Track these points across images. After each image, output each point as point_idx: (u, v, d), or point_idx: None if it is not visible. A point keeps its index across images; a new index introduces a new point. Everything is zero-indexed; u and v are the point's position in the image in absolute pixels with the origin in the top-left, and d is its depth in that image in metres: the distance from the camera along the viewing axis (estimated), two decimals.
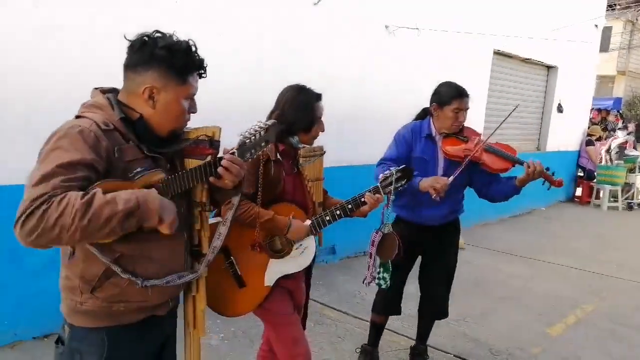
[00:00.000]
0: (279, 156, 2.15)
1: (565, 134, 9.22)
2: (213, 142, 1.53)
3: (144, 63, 1.37)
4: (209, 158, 1.50)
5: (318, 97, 2.19)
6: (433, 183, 2.57)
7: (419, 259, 3.04)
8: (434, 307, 3.04)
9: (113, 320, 1.40)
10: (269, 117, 2.18)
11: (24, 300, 3.02)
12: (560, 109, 8.90)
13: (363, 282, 2.51)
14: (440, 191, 2.55)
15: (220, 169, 1.45)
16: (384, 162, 2.73)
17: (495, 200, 2.83)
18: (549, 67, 8.63)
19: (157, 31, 1.41)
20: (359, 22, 4.93)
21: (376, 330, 3.14)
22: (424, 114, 2.88)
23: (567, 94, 8.93)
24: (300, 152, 2.18)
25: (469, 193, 2.92)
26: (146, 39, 1.39)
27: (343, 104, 4.88)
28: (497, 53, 7.13)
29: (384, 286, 2.47)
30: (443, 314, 3.05)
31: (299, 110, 2.14)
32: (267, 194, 2.12)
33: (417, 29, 5.33)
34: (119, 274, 1.36)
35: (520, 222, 7.90)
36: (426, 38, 5.55)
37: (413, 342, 3.28)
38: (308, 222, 2.15)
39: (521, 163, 2.61)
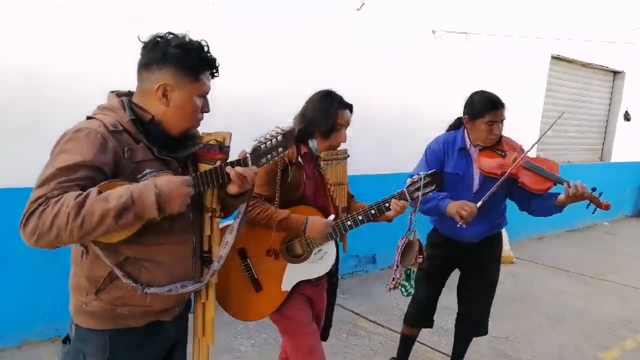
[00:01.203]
0: (300, 159, 2.12)
1: (633, 143, 8.60)
2: (223, 147, 1.52)
3: (158, 62, 1.39)
4: (218, 163, 1.49)
5: (343, 104, 2.13)
6: (459, 209, 2.38)
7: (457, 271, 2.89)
8: (471, 324, 2.87)
9: (116, 323, 1.41)
10: (296, 117, 2.18)
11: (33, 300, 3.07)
12: (627, 117, 8.33)
13: (387, 287, 2.42)
14: (467, 218, 2.37)
15: (234, 175, 1.45)
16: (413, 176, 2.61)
17: (536, 216, 2.63)
18: (615, 73, 8.10)
19: (170, 32, 1.43)
20: (404, 27, 4.83)
21: (405, 342, 3.02)
22: (458, 123, 2.70)
23: (635, 101, 8.34)
24: (322, 155, 2.14)
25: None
26: (159, 39, 1.41)
27: (387, 111, 4.80)
28: (556, 58, 6.77)
29: (404, 294, 2.37)
30: (480, 331, 2.87)
31: (319, 113, 2.10)
32: (287, 197, 2.10)
33: (465, 33, 5.15)
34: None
35: (579, 236, 7.43)
36: (475, 43, 5.36)
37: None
38: (331, 217, 2.10)
39: (562, 182, 2.39)
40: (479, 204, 2.38)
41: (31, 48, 2.93)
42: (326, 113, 2.09)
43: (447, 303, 2.88)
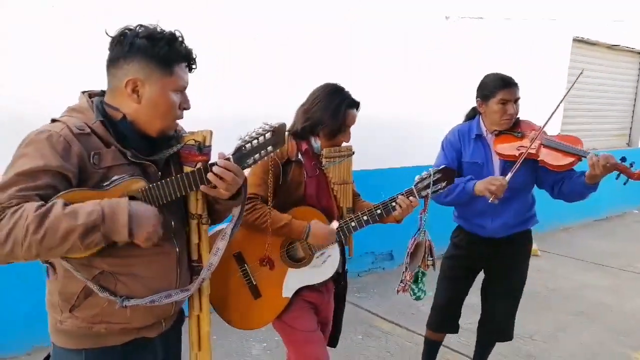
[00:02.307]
0: (300, 156, 1.99)
1: None
2: (202, 148, 1.39)
3: (125, 55, 1.27)
4: (199, 165, 1.37)
5: (353, 103, 1.99)
6: (488, 185, 2.24)
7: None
8: (494, 329, 2.69)
9: (94, 342, 1.30)
10: (298, 110, 2.04)
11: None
12: None
13: (396, 290, 2.28)
14: (497, 193, 2.22)
15: (211, 177, 1.31)
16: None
17: (571, 200, 2.44)
18: None
19: (140, 24, 1.31)
20: (416, 13, 4.65)
21: (430, 347, 2.85)
22: (473, 113, 2.56)
23: None
24: (324, 152, 2.00)
25: (544, 193, 2.53)
26: (127, 31, 1.29)
27: (399, 103, 4.63)
28: (578, 40, 6.47)
29: (413, 298, 2.22)
30: (505, 336, 2.69)
31: (327, 111, 1.95)
32: (287, 197, 1.97)
33: (480, 18, 4.93)
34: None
35: (608, 226, 7.13)
36: (490, 28, 5.13)
37: None
38: (335, 224, 1.97)
39: (585, 156, 2.23)
40: (507, 176, 2.24)
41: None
42: (335, 112, 1.94)
43: (470, 301, 2.70)
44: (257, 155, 1.39)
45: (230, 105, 3.57)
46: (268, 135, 1.39)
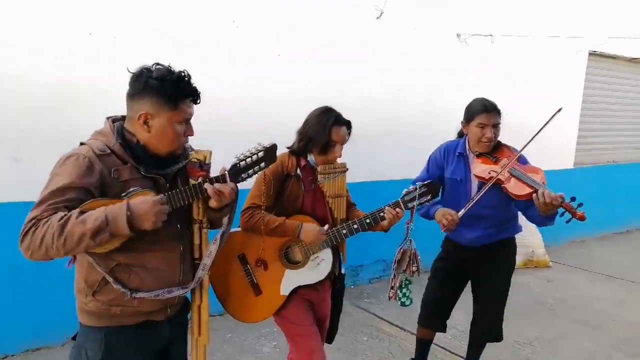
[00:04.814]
0: (299, 171, 2.25)
1: None
2: (202, 165, 1.68)
3: (140, 92, 1.56)
4: (200, 179, 1.66)
5: (339, 121, 2.22)
6: (443, 217, 2.47)
7: None
8: (480, 330, 2.90)
9: (111, 321, 1.59)
10: (297, 132, 2.31)
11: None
12: None
13: (387, 296, 2.51)
14: (449, 226, 2.45)
15: (210, 190, 1.60)
16: (415, 184, 2.70)
17: (540, 225, 2.61)
18: None
19: (157, 63, 1.60)
20: (427, 32, 4.87)
21: (420, 345, 3.08)
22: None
23: None
24: (318, 169, 2.26)
25: None
26: (144, 70, 1.58)
27: (411, 118, 4.85)
28: (595, 54, 6.53)
29: (399, 304, 2.44)
30: (494, 337, 2.88)
31: (315, 129, 2.21)
32: (287, 208, 2.24)
33: (491, 35, 5.11)
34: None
35: (627, 239, 7.12)
36: (501, 45, 5.30)
37: None
38: (326, 226, 2.21)
39: (536, 189, 2.34)
40: (460, 213, 2.45)
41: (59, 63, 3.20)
42: (322, 130, 2.19)
43: (466, 305, 2.91)
44: (250, 171, 1.69)
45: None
46: (261, 153, 1.69)
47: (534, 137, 2.48)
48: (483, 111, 2.52)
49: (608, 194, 6.89)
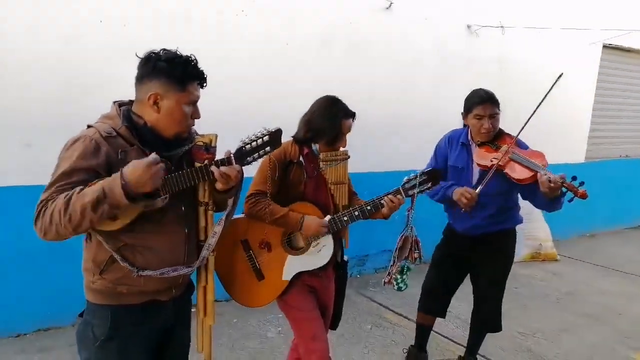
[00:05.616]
0: (301, 159, 2.28)
1: None
2: (208, 148, 1.71)
3: (149, 74, 1.60)
4: (206, 162, 1.69)
5: (348, 114, 2.25)
6: (460, 197, 2.54)
7: None
8: (480, 318, 2.93)
9: (117, 299, 1.64)
10: (301, 120, 2.33)
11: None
12: None
13: (382, 282, 2.55)
14: (469, 204, 2.50)
15: (216, 173, 1.64)
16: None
17: (549, 211, 2.59)
18: None
19: (164, 49, 1.64)
20: (438, 24, 4.85)
21: (420, 331, 3.11)
22: None
23: None
24: (321, 156, 2.28)
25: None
26: (152, 54, 1.61)
27: (420, 110, 4.85)
28: (609, 47, 6.45)
29: (395, 288, 2.48)
30: (492, 327, 2.91)
31: (326, 120, 2.22)
32: (288, 194, 2.26)
33: (501, 27, 5.08)
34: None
35: (637, 235, 7.06)
36: (512, 37, 5.26)
37: None
38: (328, 217, 2.24)
39: (538, 171, 2.37)
40: (478, 189, 2.50)
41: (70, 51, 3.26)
42: (332, 122, 2.21)
43: (469, 296, 2.94)
44: (256, 154, 1.71)
45: None
46: (266, 137, 1.71)
47: (535, 109, 2.52)
48: (479, 103, 2.56)
49: (619, 188, 6.83)
